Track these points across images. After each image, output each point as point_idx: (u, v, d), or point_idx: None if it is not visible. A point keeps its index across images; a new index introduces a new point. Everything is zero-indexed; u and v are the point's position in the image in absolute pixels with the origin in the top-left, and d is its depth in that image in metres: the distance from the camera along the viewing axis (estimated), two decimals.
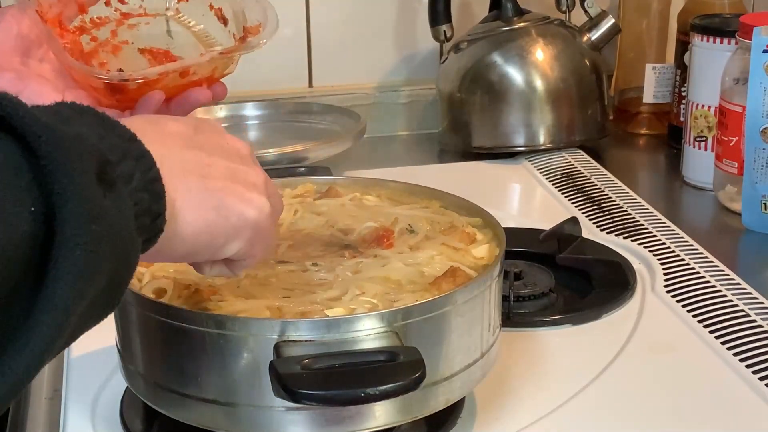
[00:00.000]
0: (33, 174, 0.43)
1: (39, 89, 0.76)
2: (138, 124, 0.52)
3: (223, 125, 1.41)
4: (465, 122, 1.34)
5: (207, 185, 0.57)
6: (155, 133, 0.57)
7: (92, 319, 0.48)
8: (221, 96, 0.83)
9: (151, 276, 0.72)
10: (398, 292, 0.69)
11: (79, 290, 0.43)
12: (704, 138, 1.22)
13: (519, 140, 1.32)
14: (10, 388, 0.43)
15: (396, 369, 0.61)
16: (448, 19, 1.37)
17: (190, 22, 0.86)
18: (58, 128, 0.44)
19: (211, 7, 0.85)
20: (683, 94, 1.29)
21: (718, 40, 1.18)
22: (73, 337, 0.46)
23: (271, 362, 0.61)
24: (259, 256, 0.63)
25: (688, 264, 1.00)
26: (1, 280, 0.41)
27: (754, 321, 0.89)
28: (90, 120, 0.50)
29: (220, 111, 1.38)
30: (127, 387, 0.75)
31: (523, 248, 1.00)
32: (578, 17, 1.36)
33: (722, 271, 0.99)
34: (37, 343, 0.43)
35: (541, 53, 1.31)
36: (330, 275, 0.71)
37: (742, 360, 0.84)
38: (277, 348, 0.62)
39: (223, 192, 0.58)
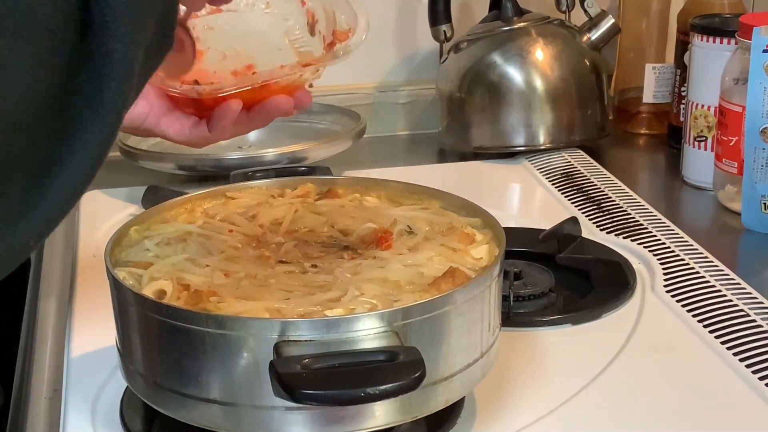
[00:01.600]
0: None
1: None
2: None
3: None
4: (465, 122, 1.34)
5: None
6: None
7: (151, 65, 0.47)
8: (305, 104, 0.78)
9: (150, 277, 0.72)
10: (398, 293, 0.69)
11: (135, 34, 0.43)
12: (704, 138, 1.22)
13: (519, 140, 1.32)
14: (95, 154, 0.43)
15: (396, 369, 0.61)
16: (448, 19, 1.37)
17: (281, 16, 0.81)
18: None
19: (303, 3, 0.81)
20: (683, 94, 1.29)
21: (718, 40, 1.18)
22: (140, 88, 0.46)
23: (271, 362, 0.61)
24: None
25: (688, 264, 1.00)
26: (54, 35, 0.41)
27: (754, 321, 0.89)
28: None
29: None
30: (127, 387, 0.75)
31: (523, 248, 1.00)
32: (578, 17, 1.36)
33: (722, 271, 0.99)
34: (114, 98, 0.43)
35: (541, 53, 1.31)
36: (329, 277, 0.71)
37: (742, 360, 0.84)
38: (277, 348, 0.62)
39: None
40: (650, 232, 1.08)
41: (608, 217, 1.13)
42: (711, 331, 0.88)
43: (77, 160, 0.43)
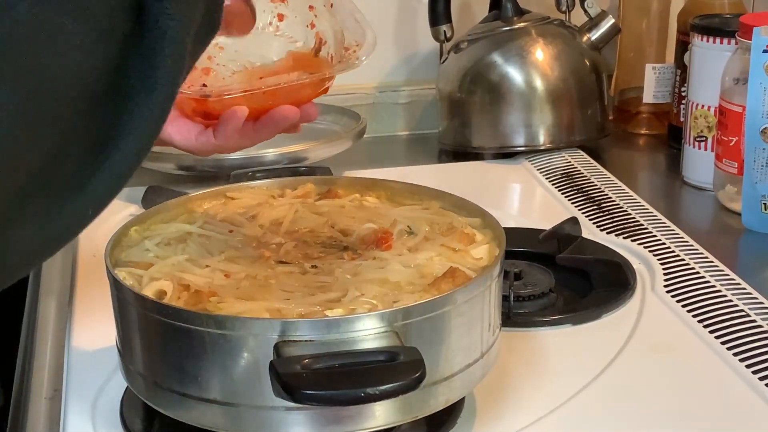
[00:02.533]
0: None
1: None
2: None
3: None
4: (465, 122, 1.34)
5: None
6: None
7: (199, 47, 0.48)
8: (312, 117, 0.79)
9: (150, 278, 0.72)
10: (398, 294, 0.69)
11: (186, 14, 0.44)
12: (704, 138, 1.22)
13: (519, 140, 1.32)
14: (147, 133, 0.44)
15: (396, 369, 0.61)
16: (448, 19, 1.37)
17: (290, 37, 0.83)
18: None
19: (312, 25, 0.81)
20: (683, 94, 1.29)
21: (718, 40, 1.18)
22: (189, 69, 0.47)
23: (271, 362, 0.61)
24: None
25: (688, 264, 1.00)
26: (111, 17, 0.42)
27: (754, 321, 0.89)
28: None
29: None
30: (127, 387, 0.75)
31: (523, 248, 1.00)
32: (578, 17, 1.36)
33: (722, 271, 0.99)
34: (167, 79, 0.44)
35: (541, 53, 1.31)
36: (329, 277, 0.71)
37: (742, 360, 0.84)
38: (277, 348, 0.62)
39: None
40: (650, 232, 1.08)
41: (608, 217, 1.13)
42: (711, 331, 0.88)
43: (131, 136, 0.44)
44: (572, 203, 1.18)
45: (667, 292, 0.95)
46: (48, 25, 0.40)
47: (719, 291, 0.95)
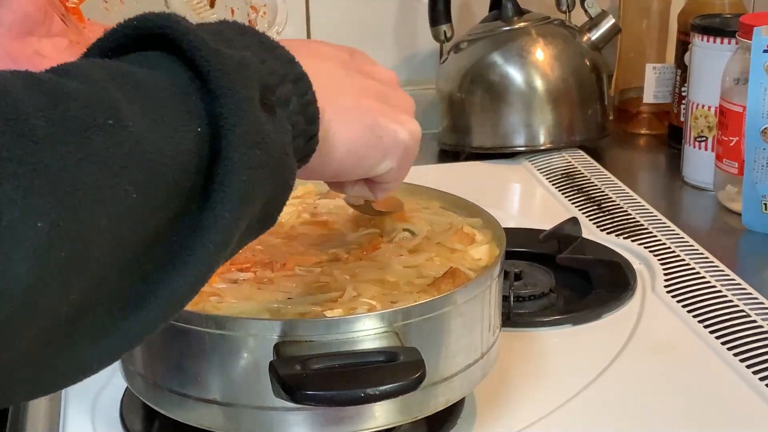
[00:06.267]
0: (200, 96, 0.45)
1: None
2: (296, 45, 0.53)
3: None
4: (465, 122, 1.34)
5: (361, 105, 0.58)
6: (313, 54, 0.58)
7: (249, 237, 0.49)
8: None
9: None
10: (397, 294, 0.69)
11: (242, 212, 0.45)
12: (704, 138, 1.22)
13: (519, 140, 1.32)
14: (173, 305, 0.44)
15: (396, 369, 0.61)
16: (448, 19, 1.37)
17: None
18: (225, 53, 0.46)
19: None
20: (683, 94, 1.29)
21: (718, 40, 1.18)
22: (231, 255, 0.48)
23: (271, 362, 0.61)
24: (401, 180, 0.65)
25: (688, 264, 1.00)
26: (171, 196, 0.43)
27: (754, 321, 0.89)
28: (251, 41, 0.51)
29: None
30: (127, 387, 0.75)
31: (523, 248, 1.00)
32: (578, 17, 1.36)
33: (722, 271, 0.99)
34: (202, 262, 0.44)
35: (541, 53, 1.31)
36: (328, 278, 0.71)
37: (742, 360, 0.83)
38: (277, 348, 0.62)
39: (377, 112, 0.59)
40: (650, 232, 1.08)
41: (608, 217, 1.13)
42: (711, 332, 0.88)
43: (155, 305, 0.44)
44: (572, 203, 1.17)
45: (668, 292, 0.95)
46: (110, 190, 0.40)
47: (719, 291, 0.95)
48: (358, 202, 0.76)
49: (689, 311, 0.91)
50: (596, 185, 1.22)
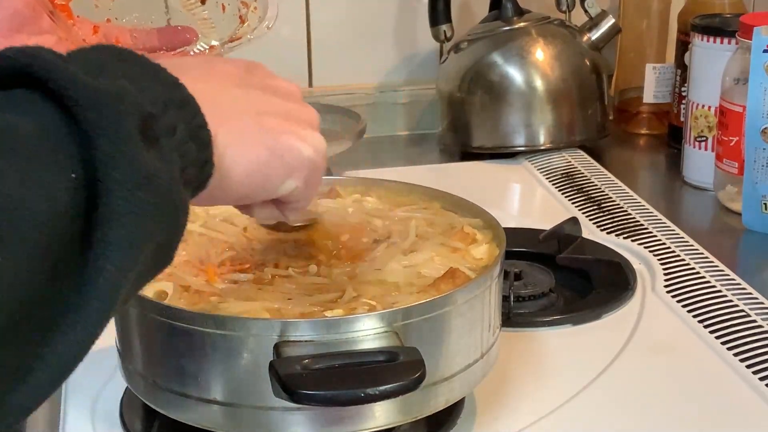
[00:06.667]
0: (73, 138, 0.41)
1: None
2: (186, 66, 0.51)
3: None
4: (465, 122, 1.34)
5: (260, 123, 0.56)
6: (204, 73, 0.56)
7: (143, 281, 0.46)
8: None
9: None
10: (396, 294, 0.69)
11: (129, 261, 0.42)
12: (704, 138, 1.22)
13: (519, 140, 1.32)
14: (63, 370, 0.42)
15: (396, 369, 0.60)
16: (448, 19, 1.37)
17: None
18: (97, 87, 0.42)
19: None
20: (683, 94, 1.29)
21: (718, 40, 1.18)
22: (125, 302, 0.45)
23: (271, 362, 0.61)
24: (311, 198, 0.62)
25: (688, 264, 1.00)
26: (47, 255, 0.39)
27: (754, 321, 0.89)
28: (131, 68, 0.47)
29: None
30: (127, 387, 0.75)
31: (523, 248, 1.00)
32: (578, 17, 1.36)
33: (722, 271, 0.99)
34: (90, 318, 0.41)
35: (541, 53, 1.31)
36: (327, 279, 0.71)
37: (742, 360, 0.83)
38: (277, 348, 0.62)
39: (276, 131, 0.57)
40: (651, 232, 1.08)
41: (608, 217, 1.13)
42: (711, 332, 0.88)
43: (42, 373, 0.41)
44: (572, 203, 1.17)
45: (668, 292, 0.95)
46: None
47: (719, 291, 0.95)
48: (270, 222, 0.73)
49: (689, 311, 0.91)
50: (596, 185, 1.22)
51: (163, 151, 0.45)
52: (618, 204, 1.16)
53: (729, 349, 0.85)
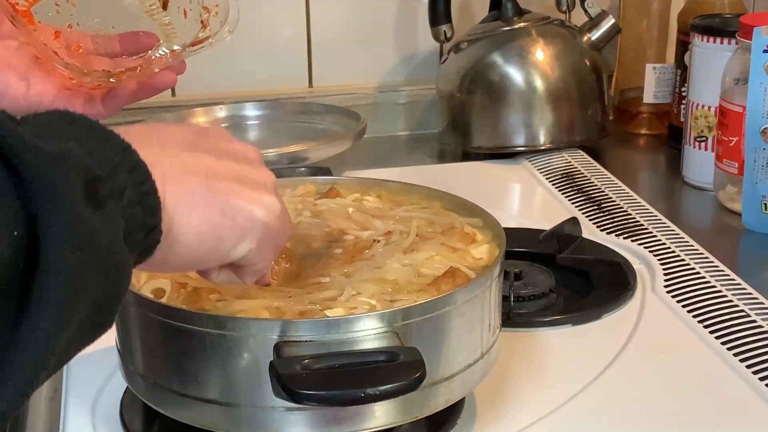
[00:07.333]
0: (17, 195, 0.41)
1: None
2: (137, 131, 0.51)
3: (223, 125, 1.41)
4: (465, 122, 1.34)
5: (211, 186, 0.55)
6: (155, 138, 0.56)
7: (82, 341, 0.46)
8: (181, 70, 0.83)
9: (149, 276, 0.72)
10: (396, 293, 0.69)
11: (63, 318, 0.42)
12: (704, 138, 1.22)
13: (519, 140, 1.32)
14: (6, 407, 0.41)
15: (396, 369, 0.60)
16: (448, 19, 1.37)
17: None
18: (42, 148, 0.43)
19: None
20: (683, 94, 1.29)
21: (718, 40, 1.18)
22: (61, 362, 0.45)
23: (271, 362, 0.61)
24: (269, 260, 0.61)
25: (688, 264, 1.00)
26: None
27: (754, 321, 0.89)
28: (81, 131, 0.48)
29: (220, 111, 1.37)
30: (127, 387, 0.75)
31: (523, 248, 1.00)
32: (578, 17, 1.36)
33: (722, 271, 0.99)
34: (20, 376, 0.41)
35: (541, 53, 1.31)
36: (326, 278, 0.71)
37: (742, 360, 0.83)
38: (277, 348, 0.62)
39: (227, 193, 0.56)
40: (650, 232, 1.08)
41: (608, 217, 1.13)
42: (711, 332, 0.88)
43: None
44: (572, 203, 1.17)
45: (668, 292, 0.95)
46: None
47: (719, 291, 0.95)
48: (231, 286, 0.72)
49: (689, 311, 0.91)
50: (596, 185, 1.22)
51: (108, 213, 0.46)
52: (618, 204, 1.16)
53: (729, 349, 0.85)
